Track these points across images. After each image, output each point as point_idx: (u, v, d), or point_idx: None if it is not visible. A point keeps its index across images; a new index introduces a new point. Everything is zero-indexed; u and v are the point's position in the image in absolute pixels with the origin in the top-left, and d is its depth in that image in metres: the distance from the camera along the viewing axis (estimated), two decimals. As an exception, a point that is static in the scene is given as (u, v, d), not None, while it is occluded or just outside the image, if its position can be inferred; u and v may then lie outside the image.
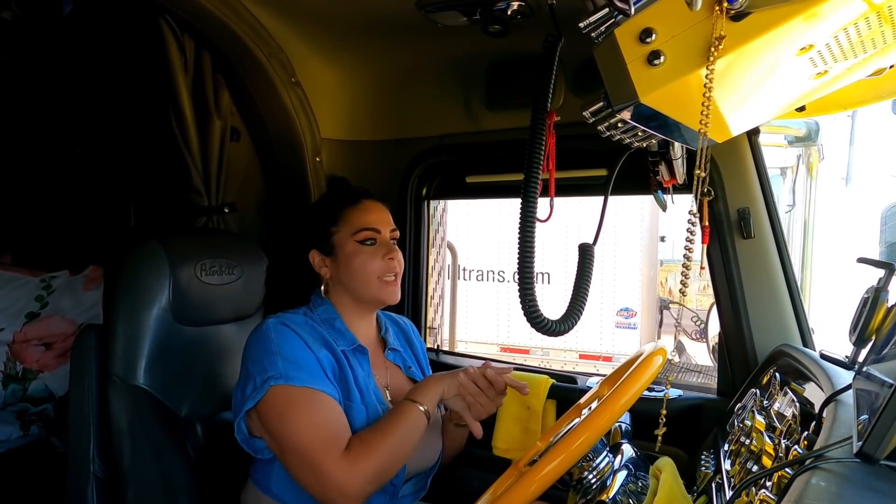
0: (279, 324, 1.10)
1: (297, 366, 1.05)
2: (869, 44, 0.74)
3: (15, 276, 1.99)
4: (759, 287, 1.39)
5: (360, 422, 1.10)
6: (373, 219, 1.20)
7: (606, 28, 0.71)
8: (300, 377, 1.04)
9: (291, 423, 1.02)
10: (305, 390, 1.04)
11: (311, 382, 1.05)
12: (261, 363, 1.06)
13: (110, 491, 1.19)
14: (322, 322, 1.18)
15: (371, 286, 1.18)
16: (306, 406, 1.03)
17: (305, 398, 1.04)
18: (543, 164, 0.89)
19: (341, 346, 1.15)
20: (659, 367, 0.85)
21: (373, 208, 1.22)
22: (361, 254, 1.17)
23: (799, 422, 0.89)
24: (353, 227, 1.19)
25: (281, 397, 1.03)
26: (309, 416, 1.03)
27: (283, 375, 1.03)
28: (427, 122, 1.75)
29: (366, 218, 1.20)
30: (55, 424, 1.93)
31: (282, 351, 1.06)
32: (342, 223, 1.20)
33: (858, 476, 0.60)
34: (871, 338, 0.81)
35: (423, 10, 1.30)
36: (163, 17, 1.56)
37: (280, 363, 1.05)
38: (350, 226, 1.19)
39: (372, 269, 1.17)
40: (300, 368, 1.05)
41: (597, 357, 5.72)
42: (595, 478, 0.96)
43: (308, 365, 1.07)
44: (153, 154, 1.89)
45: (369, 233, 1.19)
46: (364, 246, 1.18)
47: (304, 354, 1.08)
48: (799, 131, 4.34)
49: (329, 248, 1.21)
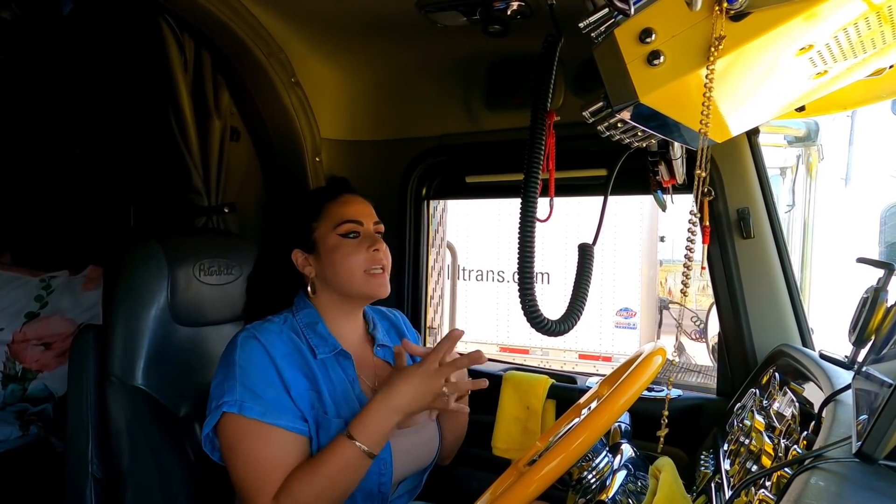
0: (250, 338, 1.06)
1: (254, 394, 1.01)
2: (868, 44, 0.74)
3: (14, 275, 1.99)
4: (758, 287, 1.39)
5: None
6: (353, 211, 1.17)
7: (606, 28, 0.71)
8: (254, 409, 1.00)
9: (235, 456, 1.01)
10: (256, 424, 1.00)
11: (265, 416, 1.01)
12: (221, 386, 1.04)
13: (109, 491, 1.19)
14: (304, 326, 1.14)
15: (356, 280, 1.13)
16: (252, 441, 1.00)
17: (253, 433, 1.00)
18: (543, 164, 0.89)
19: (322, 354, 1.11)
20: (658, 367, 0.85)
21: (353, 201, 1.19)
22: (344, 247, 1.13)
23: (798, 422, 0.89)
24: (334, 220, 1.15)
25: (231, 426, 1.01)
26: (251, 451, 1.00)
27: (237, 402, 1.01)
28: (427, 122, 1.75)
29: (346, 210, 1.17)
30: (54, 424, 1.93)
31: (244, 374, 1.03)
32: (323, 217, 1.16)
33: (857, 476, 0.61)
34: (870, 338, 0.81)
35: (423, 10, 1.30)
36: (162, 16, 1.56)
37: (238, 389, 1.01)
38: (331, 219, 1.15)
39: (356, 262, 1.13)
40: (257, 398, 1.01)
41: (596, 357, 5.73)
42: (594, 478, 0.96)
43: (266, 394, 1.02)
44: (153, 154, 1.89)
45: (351, 225, 1.15)
46: (346, 239, 1.14)
47: (267, 379, 1.03)
48: (798, 131, 4.34)
49: (311, 245, 1.16)
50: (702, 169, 0.78)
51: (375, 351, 1.25)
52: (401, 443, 1.14)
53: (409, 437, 1.17)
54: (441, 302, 4.48)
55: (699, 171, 0.78)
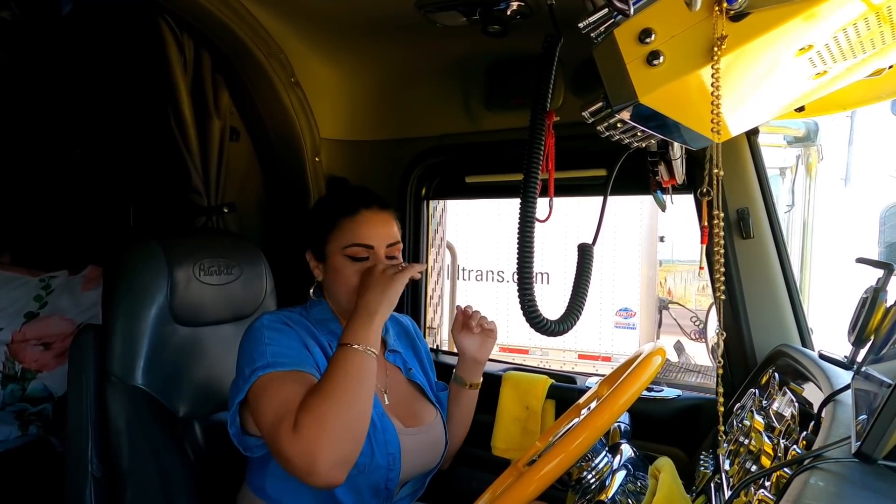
0: (274, 319, 1.09)
1: (285, 354, 1.04)
2: (868, 44, 0.74)
3: (14, 275, 1.99)
4: (758, 287, 1.39)
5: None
6: (366, 233, 1.13)
7: (606, 28, 0.71)
8: (285, 363, 1.02)
9: (260, 406, 0.99)
10: (285, 372, 1.01)
11: (294, 366, 1.02)
12: (250, 355, 1.04)
13: (108, 491, 1.19)
14: (316, 322, 1.16)
15: (352, 302, 1.11)
16: (281, 384, 1.00)
17: (283, 378, 1.00)
18: (543, 164, 0.88)
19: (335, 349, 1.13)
20: (658, 367, 0.85)
21: (371, 221, 1.15)
22: (346, 269, 1.13)
23: (798, 422, 0.89)
24: (345, 240, 1.13)
25: (264, 380, 1.01)
26: (278, 391, 0.99)
27: (270, 364, 1.01)
28: (427, 122, 1.75)
29: (359, 232, 1.13)
30: (54, 424, 1.93)
31: (272, 342, 1.05)
32: (336, 233, 1.15)
33: (857, 476, 0.61)
34: (869, 338, 0.81)
35: (422, 11, 1.30)
36: (162, 16, 1.56)
37: (268, 353, 1.03)
38: (342, 238, 1.14)
39: (353, 288, 1.11)
40: (286, 356, 1.03)
41: (596, 357, 5.72)
42: (594, 478, 0.96)
43: (296, 353, 1.05)
44: (152, 154, 1.89)
45: (360, 249, 1.13)
46: (353, 261, 1.13)
47: (296, 345, 1.07)
48: (798, 131, 4.34)
49: (322, 255, 1.17)
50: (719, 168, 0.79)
51: (386, 355, 1.25)
52: (410, 441, 1.14)
53: (418, 436, 1.18)
54: (441, 302, 4.48)
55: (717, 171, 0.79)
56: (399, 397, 1.22)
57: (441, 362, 1.90)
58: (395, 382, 1.24)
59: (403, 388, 1.25)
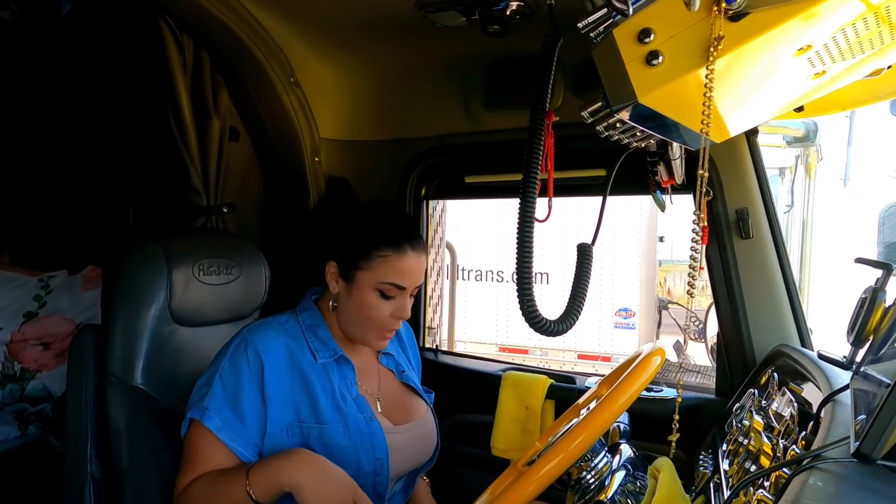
0: (243, 345, 1.07)
1: (221, 409, 1.04)
2: (867, 44, 0.74)
3: (13, 275, 1.99)
4: (757, 287, 1.39)
5: (340, 441, 1.07)
6: (406, 276, 1.09)
7: (605, 28, 0.71)
8: (214, 421, 1.03)
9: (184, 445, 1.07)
10: (210, 433, 1.04)
11: (220, 431, 1.03)
12: (200, 389, 1.07)
13: (108, 491, 1.19)
14: (306, 329, 1.14)
15: (368, 334, 1.13)
16: (199, 441, 1.05)
17: (205, 437, 1.04)
18: (542, 165, 0.89)
19: (322, 358, 1.11)
20: (657, 367, 0.85)
21: (413, 262, 1.10)
22: (374, 303, 1.09)
23: (797, 422, 0.90)
24: (382, 276, 1.08)
25: (192, 427, 1.06)
26: (193, 446, 1.06)
27: (202, 410, 1.04)
28: (426, 123, 1.75)
29: (399, 272, 1.08)
30: (53, 424, 1.93)
31: (222, 383, 1.05)
32: (374, 263, 1.08)
33: (856, 476, 0.61)
34: (868, 338, 0.82)
35: (422, 11, 1.30)
36: (162, 16, 1.56)
37: (208, 398, 1.04)
38: (379, 272, 1.08)
39: (376, 322, 1.11)
40: (221, 413, 1.04)
41: (595, 357, 5.73)
42: (593, 478, 0.96)
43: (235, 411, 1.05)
44: (152, 154, 1.89)
45: (395, 290, 1.09)
46: (382, 299, 1.09)
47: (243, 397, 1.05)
48: (797, 132, 4.34)
49: (349, 277, 1.11)
50: (703, 169, 0.78)
51: (380, 359, 1.25)
52: (400, 439, 1.14)
53: (408, 433, 1.17)
54: (440, 302, 4.48)
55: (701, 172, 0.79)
56: (392, 400, 1.21)
57: (441, 362, 1.90)
58: (390, 386, 1.23)
59: (397, 392, 1.24)
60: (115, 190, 2.18)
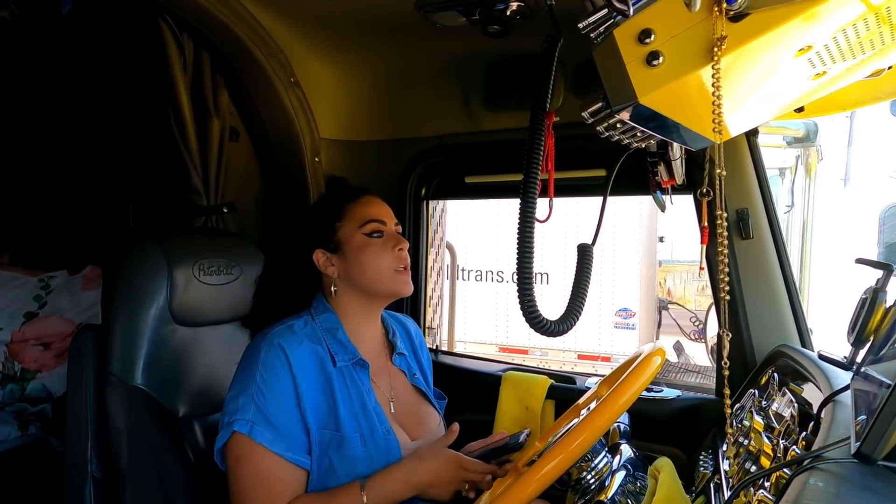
0: (274, 348, 1.05)
1: (267, 419, 1.02)
2: (867, 45, 0.74)
3: (13, 275, 1.99)
4: (757, 288, 1.39)
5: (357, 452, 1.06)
6: (377, 211, 1.18)
7: (605, 28, 0.71)
8: (264, 434, 1.01)
9: (237, 474, 1.02)
10: (263, 449, 1.01)
11: (273, 445, 1.01)
12: (236, 400, 1.03)
13: (108, 491, 1.19)
14: (324, 332, 1.13)
15: (384, 279, 1.14)
16: (256, 464, 1.02)
17: (258, 456, 1.01)
18: (542, 165, 0.89)
19: (341, 362, 1.10)
20: (657, 367, 0.85)
21: (375, 202, 1.20)
22: (371, 246, 1.14)
23: (797, 422, 0.89)
24: (359, 220, 1.16)
25: (239, 444, 1.01)
26: (253, 474, 1.02)
27: (248, 423, 1.01)
28: (426, 123, 1.75)
29: (370, 210, 1.18)
30: (53, 424, 1.93)
31: (260, 395, 1.02)
32: (346, 218, 1.17)
33: (856, 476, 0.61)
34: (869, 338, 0.82)
35: (422, 11, 1.30)
36: (162, 16, 1.56)
37: (252, 409, 1.01)
38: (355, 219, 1.16)
39: (384, 261, 1.14)
40: (268, 424, 1.02)
41: (595, 357, 5.73)
42: (594, 478, 0.96)
43: (280, 421, 1.03)
44: (152, 154, 1.89)
45: (376, 224, 1.16)
46: (372, 238, 1.15)
47: (284, 404, 1.03)
48: (798, 132, 4.34)
49: (335, 245, 1.16)
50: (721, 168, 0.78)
51: (393, 359, 1.24)
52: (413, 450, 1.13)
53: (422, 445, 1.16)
54: (440, 302, 4.48)
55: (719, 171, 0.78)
56: (405, 405, 1.20)
57: (441, 362, 1.90)
58: (401, 389, 1.22)
59: (408, 393, 1.23)
60: (115, 190, 2.18)
